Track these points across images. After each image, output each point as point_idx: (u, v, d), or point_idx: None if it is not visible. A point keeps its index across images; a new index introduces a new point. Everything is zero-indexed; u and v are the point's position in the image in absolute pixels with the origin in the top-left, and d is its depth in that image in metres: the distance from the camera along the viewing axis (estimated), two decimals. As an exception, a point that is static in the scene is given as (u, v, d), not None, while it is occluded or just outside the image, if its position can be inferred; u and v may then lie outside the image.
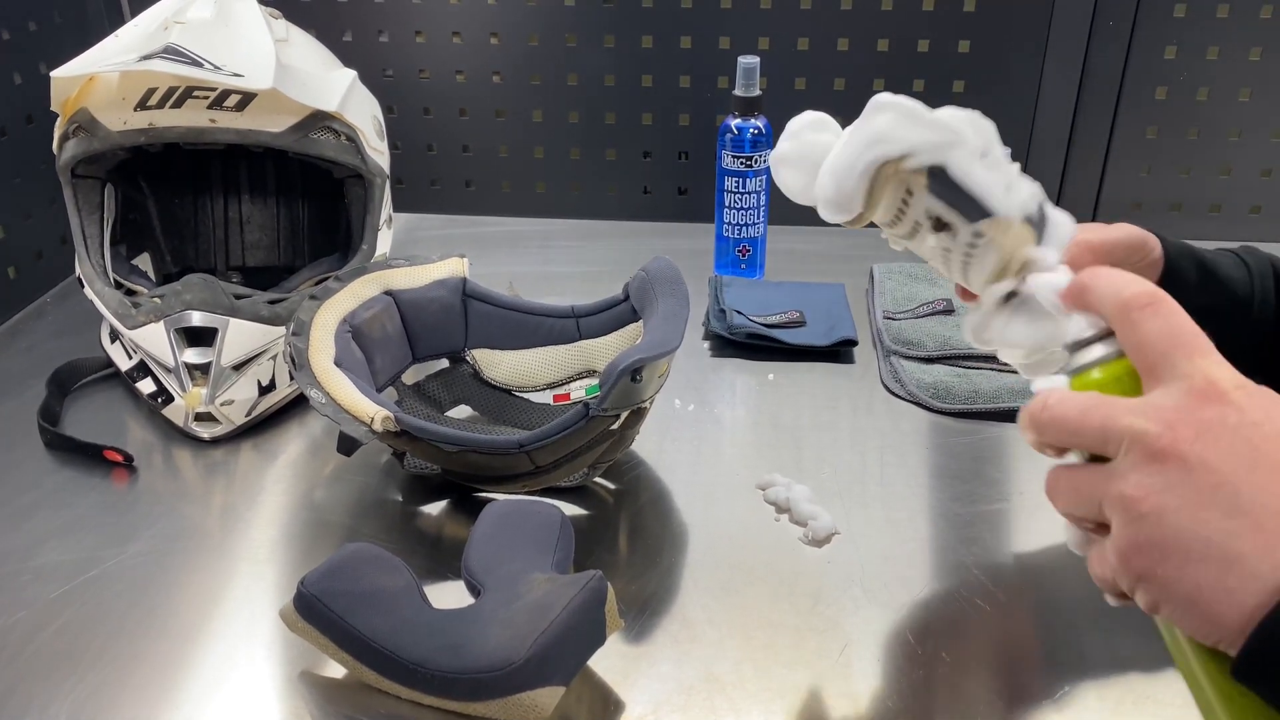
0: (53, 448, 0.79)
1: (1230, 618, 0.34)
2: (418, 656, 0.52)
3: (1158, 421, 0.36)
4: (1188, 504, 0.35)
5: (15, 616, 0.62)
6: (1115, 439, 0.37)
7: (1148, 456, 0.36)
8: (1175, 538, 0.35)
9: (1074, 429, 0.38)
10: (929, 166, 0.44)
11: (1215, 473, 0.35)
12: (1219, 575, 0.34)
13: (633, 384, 0.65)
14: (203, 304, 0.77)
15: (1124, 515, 0.36)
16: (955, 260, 0.46)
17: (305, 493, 0.74)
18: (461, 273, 0.81)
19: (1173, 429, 0.36)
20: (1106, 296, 0.40)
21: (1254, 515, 0.34)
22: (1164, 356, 0.38)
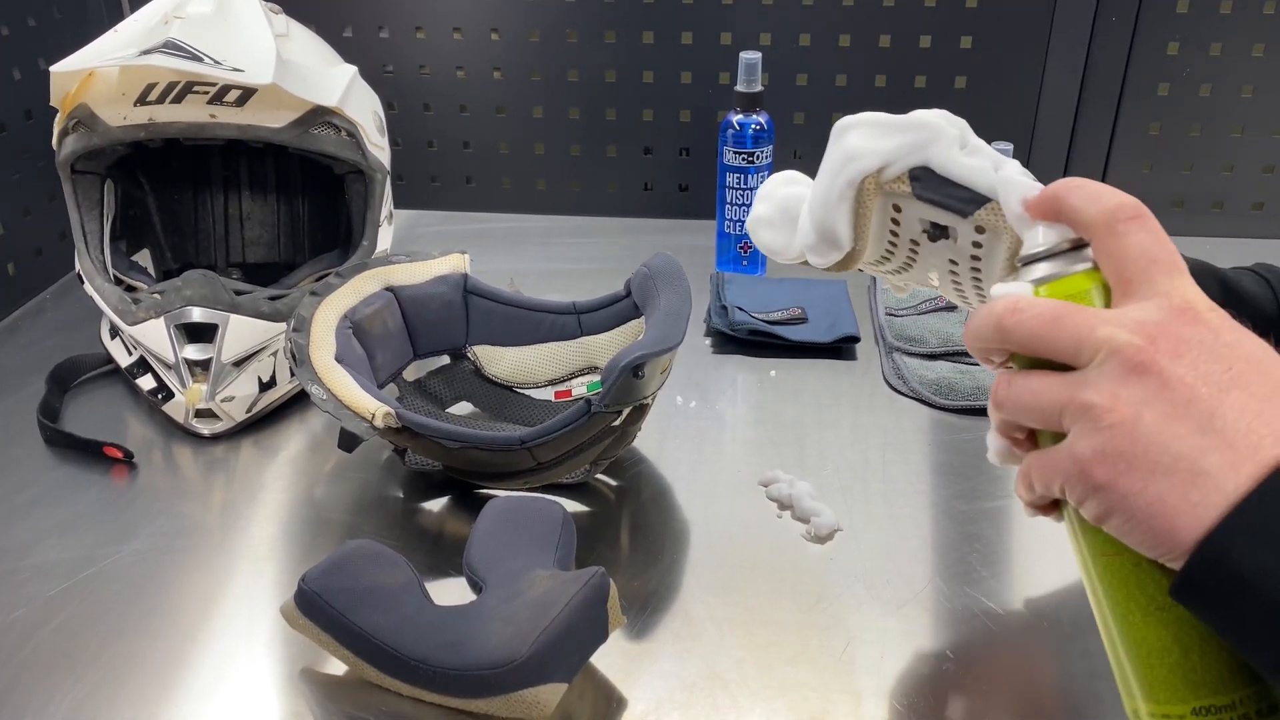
0: (52, 444, 0.78)
1: (1185, 532, 0.34)
2: (419, 653, 0.52)
3: (1139, 334, 0.36)
4: (1161, 417, 0.35)
5: (14, 614, 0.62)
6: (1090, 348, 0.37)
7: (1125, 367, 0.36)
8: (1144, 449, 0.35)
9: (1046, 335, 0.38)
10: (911, 170, 0.42)
11: (1190, 389, 0.35)
12: (1183, 489, 0.34)
13: (635, 380, 0.65)
14: (203, 300, 0.77)
15: (1091, 424, 0.36)
16: (965, 272, 0.44)
17: (306, 490, 0.74)
18: (463, 269, 0.80)
19: (1153, 343, 0.36)
20: (1085, 205, 0.40)
21: (1225, 434, 0.34)
22: (1143, 271, 0.38)
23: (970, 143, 0.43)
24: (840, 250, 0.45)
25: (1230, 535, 0.33)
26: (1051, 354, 0.38)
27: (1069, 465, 0.36)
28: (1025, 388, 0.39)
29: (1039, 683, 0.56)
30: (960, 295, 0.46)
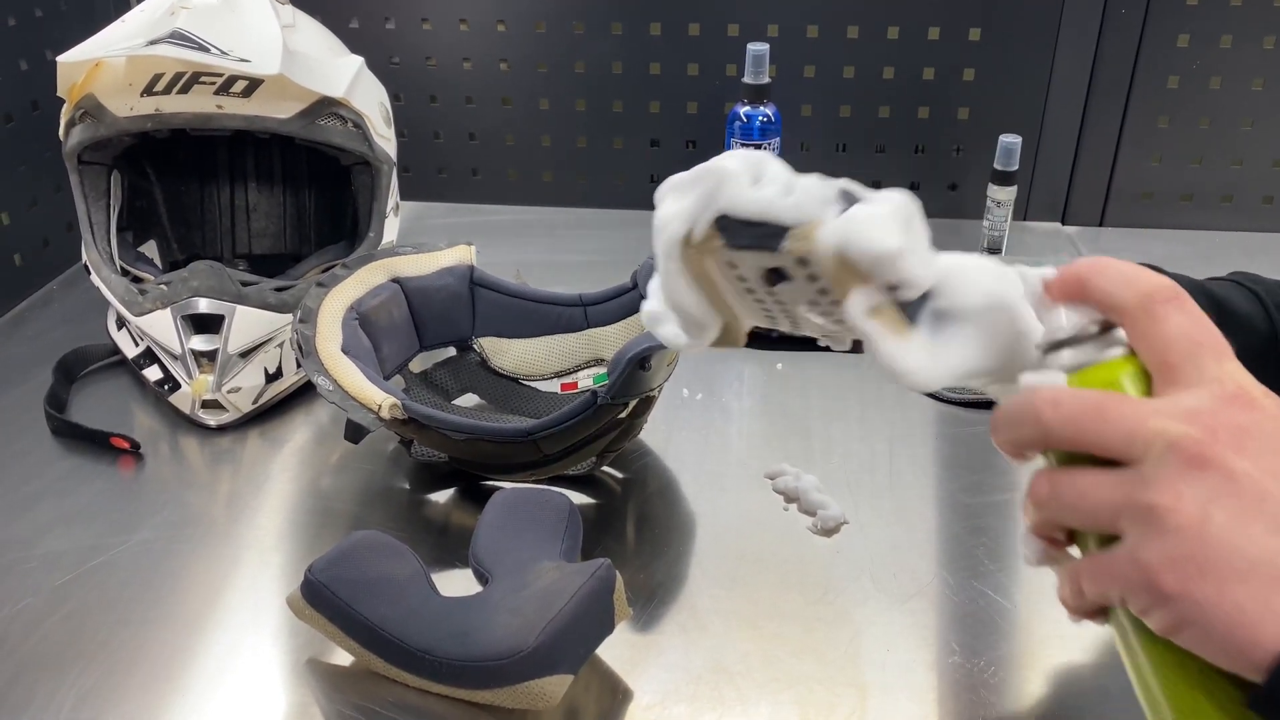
0: (59, 435, 0.78)
1: (1269, 643, 0.31)
2: (425, 644, 0.52)
3: (1195, 425, 0.33)
4: (1232, 516, 0.32)
5: (21, 604, 0.62)
6: (1143, 442, 0.33)
7: (1186, 462, 0.32)
8: (1218, 553, 0.31)
9: (1093, 429, 0.34)
10: (715, 221, 0.38)
11: (1258, 484, 0.32)
12: (1265, 595, 0.31)
13: (641, 372, 0.64)
14: (210, 291, 0.77)
15: (1154, 526, 0.32)
16: (829, 308, 0.39)
17: (312, 481, 0.74)
18: (469, 260, 0.80)
19: (1213, 434, 0.33)
20: (1118, 288, 0.36)
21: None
22: (1189, 357, 0.35)
23: (766, 173, 0.39)
24: (712, 328, 0.41)
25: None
26: (1099, 449, 0.35)
27: (1132, 572, 0.33)
28: (1072, 487, 0.35)
29: (1045, 676, 0.56)
30: (845, 332, 0.41)
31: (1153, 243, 1.15)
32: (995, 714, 0.54)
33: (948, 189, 1.20)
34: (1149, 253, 1.10)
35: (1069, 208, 1.19)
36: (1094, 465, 0.35)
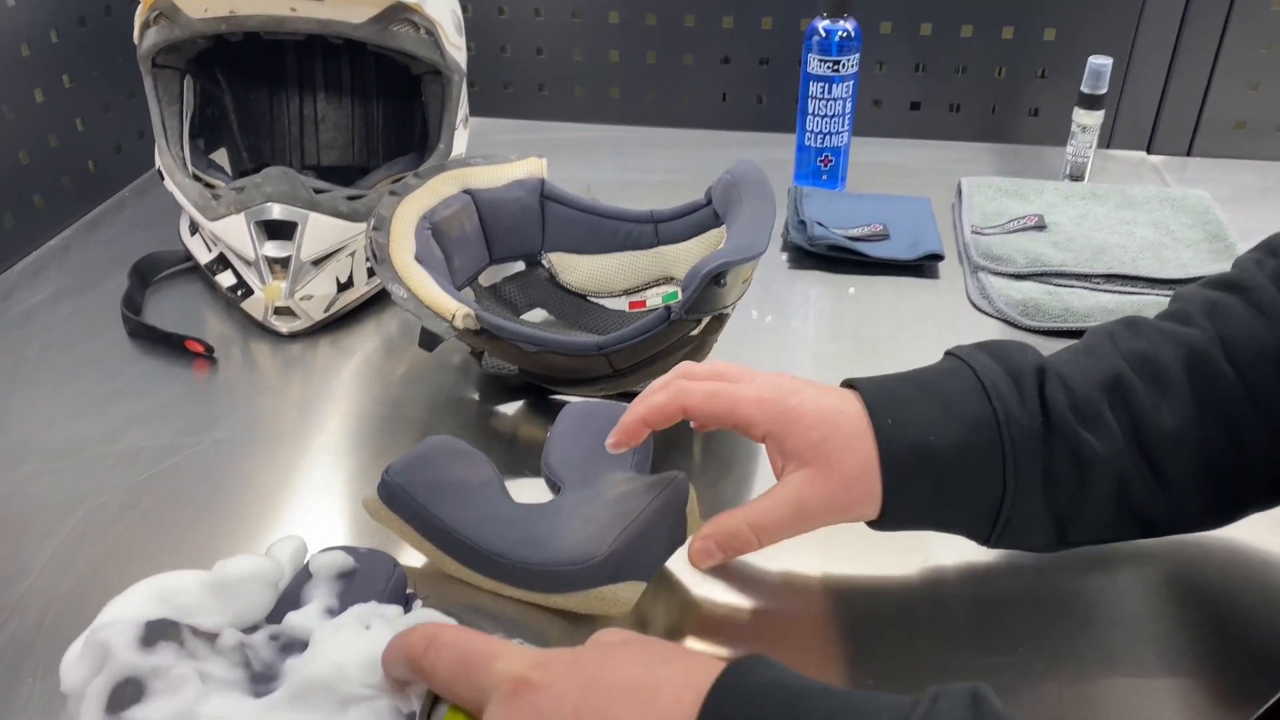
0: (135, 337, 0.80)
1: None
2: (500, 548, 0.52)
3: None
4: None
5: (104, 497, 0.63)
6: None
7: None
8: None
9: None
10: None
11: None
12: None
13: (716, 289, 0.63)
14: (283, 197, 0.77)
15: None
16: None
17: (382, 389, 0.75)
18: (540, 173, 0.79)
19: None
20: (398, 662, 0.41)
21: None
22: (469, 684, 0.39)
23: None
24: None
25: None
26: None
27: None
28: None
29: (1087, 601, 0.55)
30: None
31: (1243, 174, 1.09)
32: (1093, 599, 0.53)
33: (1029, 114, 1.16)
34: (1239, 184, 1.06)
35: (1155, 136, 1.15)
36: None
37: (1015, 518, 0.49)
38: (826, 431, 0.49)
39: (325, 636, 0.46)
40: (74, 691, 0.44)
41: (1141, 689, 0.50)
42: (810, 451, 0.49)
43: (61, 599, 0.56)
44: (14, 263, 0.91)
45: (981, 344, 0.53)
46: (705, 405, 0.51)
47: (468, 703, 0.39)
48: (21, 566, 0.57)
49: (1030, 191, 0.98)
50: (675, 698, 0.36)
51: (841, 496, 0.49)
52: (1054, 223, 0.91)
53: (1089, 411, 0.49)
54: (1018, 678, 0.50)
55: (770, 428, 0.50)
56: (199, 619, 0.47)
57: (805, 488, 0.49)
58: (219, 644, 0.46)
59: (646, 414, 0.51)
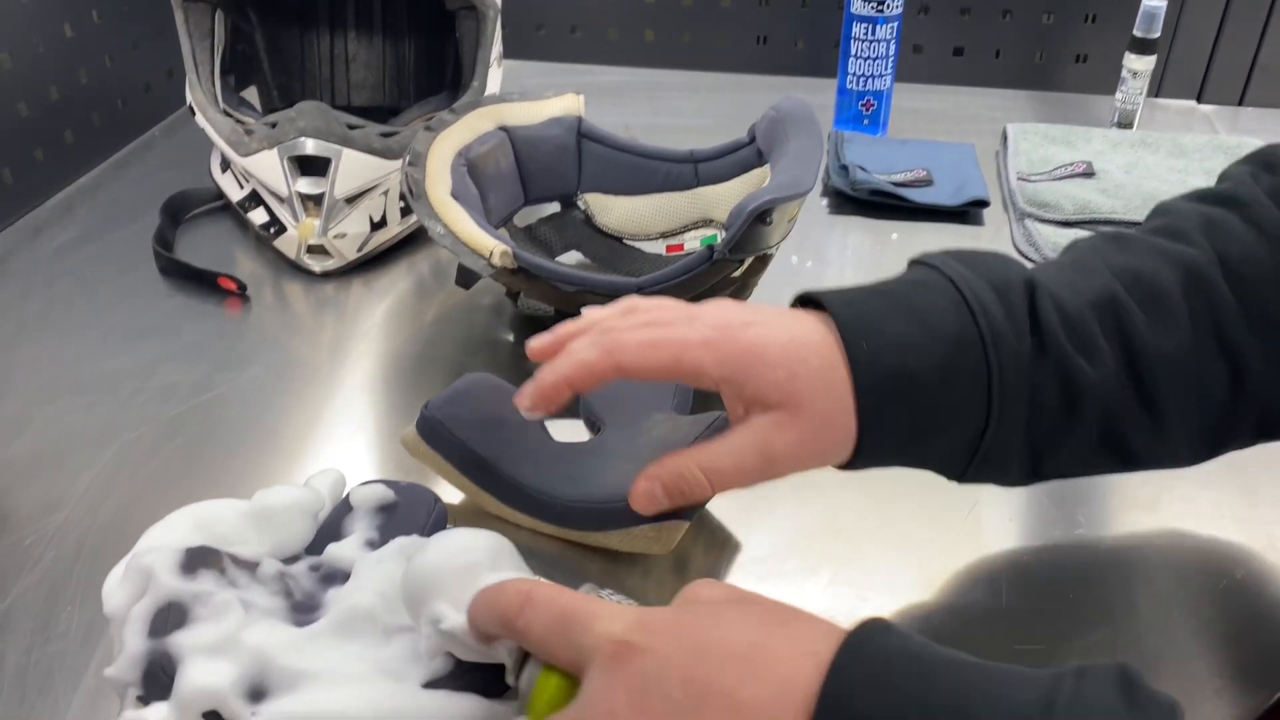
0: (167, 274, 0.79)
1: None
2: (541, 485, 0.52)
3: (600, 715, 0.34)
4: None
5: (139, 431, 0.63)
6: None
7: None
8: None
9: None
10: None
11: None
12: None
13: (762, 227, 0.62)
14: (316, 132, 0.75)
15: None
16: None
17: (415, 330, 0.74)
18: (577, 111, 0.77)
19: (614, 715, 0.34)
20: (488, 620, 0.38)
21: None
22: (568, 645, 0.36)
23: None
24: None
25: None
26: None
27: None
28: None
29: (1169, 548, 0.54)
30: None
31: (1298, 125, 1.06)
32: (1122, 587, 0.52)
33: (1075, 60, 1.12)
34: (1296, 134, 1.03)
35: (1207, 84, 1.11)
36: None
37: (995, 450, 0.44)
38: (793, 368, 0.42)
39: (368, 568, 0.45)
40: (116, 615, 0.44)
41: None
42: (775, 393, 0.42)
43: (99, 529, 0.55)
44: (46, 199, 0.90)
45: (952, 252, 0.47)
46: (643, 358, 0.44)
47: (564, 662, 0.37)
48: (59, 497, 0.57)
49: (1078, 139, 0.95)
50: (793, 668, 0.33)
51: (812, 443, 0.43)
52: (1103, 170, 0.89)
53: (1082, 332, 0.43)
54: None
55: (724, 372, 0.43)
56: (238, 548, 0.47)
57: (772, 433, 0.43)
58: (259, 573, 0.46)
59: (572, 374, 0.45)
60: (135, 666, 0.41)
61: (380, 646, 0.42)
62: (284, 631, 0.43)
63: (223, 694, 0.40)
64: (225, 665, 0.40)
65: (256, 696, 0.40)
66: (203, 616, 0.42)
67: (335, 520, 0.50)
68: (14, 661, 0.47)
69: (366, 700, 0.40)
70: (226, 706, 0.40)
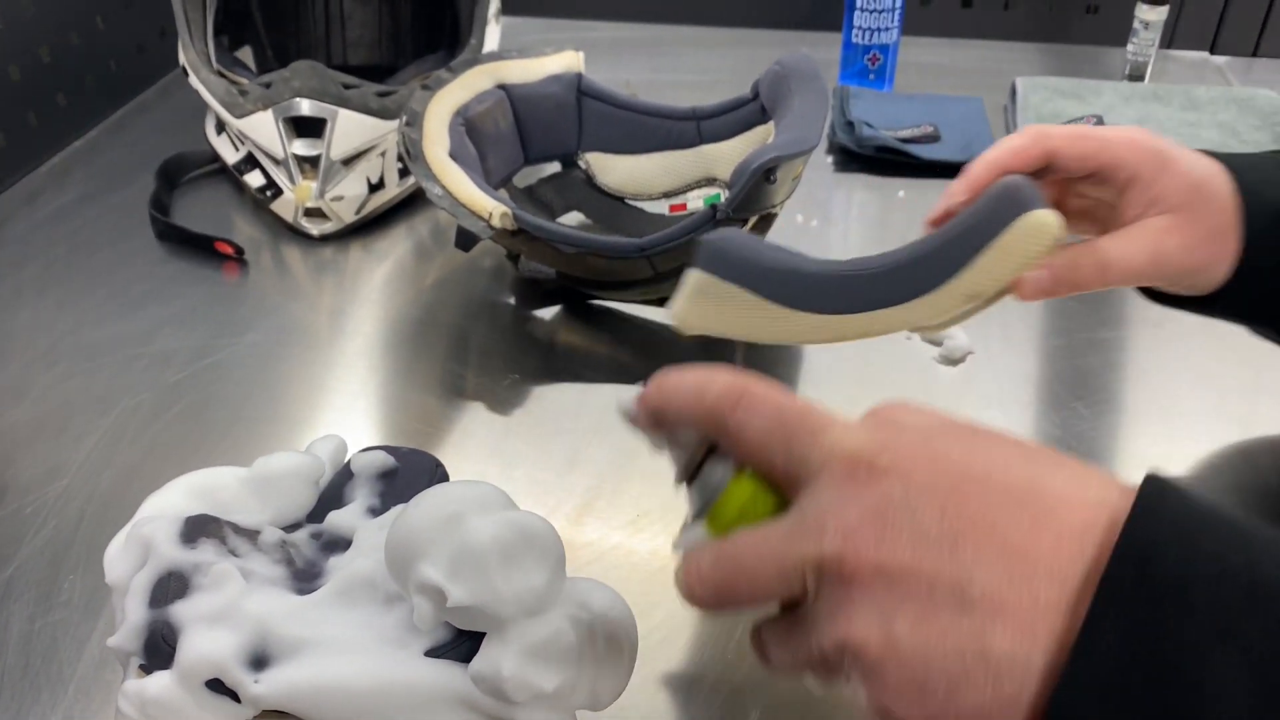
0: (164, 239, 0.78)
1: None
2: (868, 266, 0.46)
3: (828, 537, 0.29)
4: (916, 621, 0.28)
5: (139, 398, 0.62)
6: (797, 578, 0.30)
7: (841, 584, 0.29)
8: (925, 668, 0.28)
9: (746, 589, 0.31)
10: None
11: (920, 569, 0.28)
12: (994, 687, 0.27)
13: (766, 185, 0.60)
14: (311, 92, 0.74)
15: (857, 667, 0.29)
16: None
17: (415, 294, 0.73)
18: (577, 68, 0.76)
19: (849, 538, 0.29)
20: (686, 412, 0.33)
21: (988, 598, 0.27)
22: (788, 454, 0.31)
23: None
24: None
25: (1070, 716, 0.27)
26: (765, 601, 0.32)
27: (879, 715, 0.30)
28: (778, 647, 0.32)
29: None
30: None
31: (1314, 76, 1.04)
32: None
33: (1086, 11, 1.10)
34: (1311, 85, 1.00)
35: (1220, 34, 1.09)
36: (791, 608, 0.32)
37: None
38: (1200, 177, 0.45)
39: (369, 535, 0.45)
40: (118, 585, 0.43)
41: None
42: (1179, 195, 0.45)
43: (100, 497, 0.55)
44: (40, 164, 0.89)
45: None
46: (1072, 146, 0.46)
47: (776, 471, 0.32)
48: (59, 464, 0.57)
49: (1088, 92, 0.93)
50: (1083, 517, 0.28)
51: (1202, 249, 0.45)
52: (1114, 124, 0.87)
53: None
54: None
55: (1140, 170, 0.45)
56: (239, 515, 0.46)
57: (1166, 233, 0.45)
58: (260, 541, 0.45)
59: (999, 156, 0.46)
60: (137, 636, 0.41)
61: (382, 614, 0.42)
62: (285, 600, 0.43)
63: (224, 662, 0.39)
64: (226, 634, 0.40)
65: (258, 665, 0.40)
66: (204, 585, 0.42)
67: (336, 487, 0.49)
68: (18, 630, 0.47)
69: (368, 668, 0.39)
70: (228, 675, 0.39)
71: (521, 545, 0.39)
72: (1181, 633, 0.25)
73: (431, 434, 0.59)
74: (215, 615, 0.41)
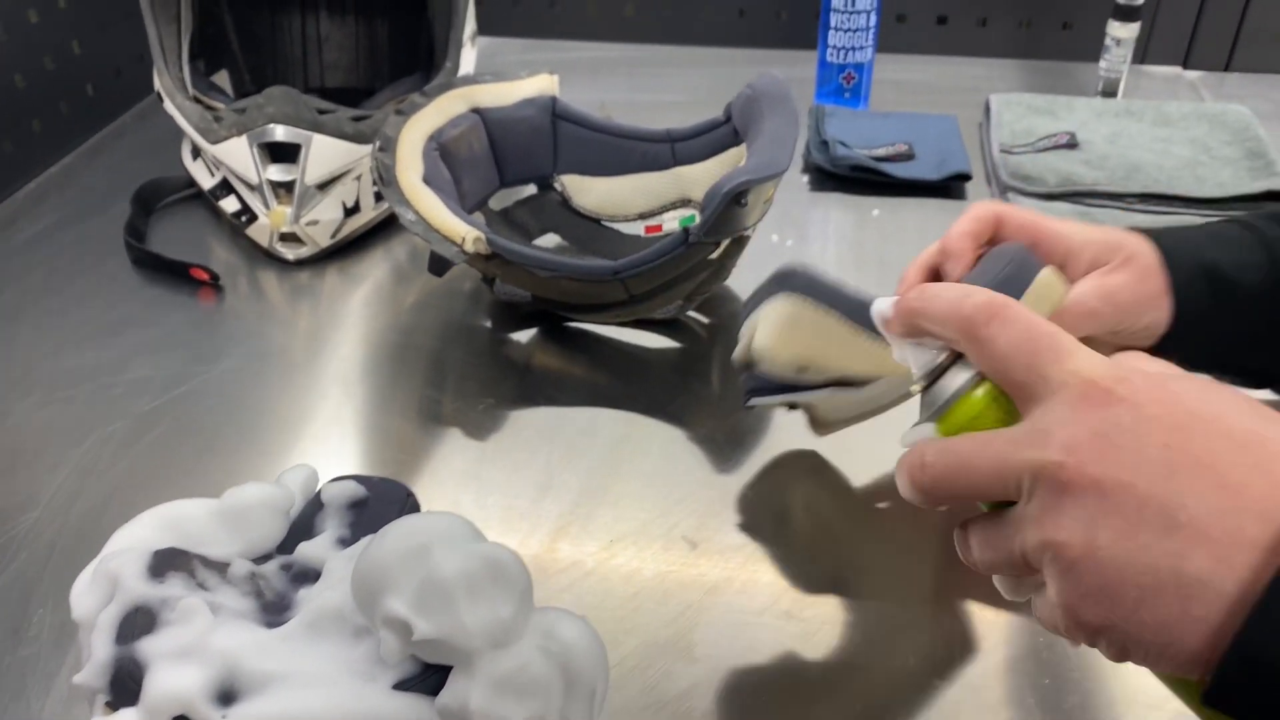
0: (139, 265, 0.78)
1: (1203, 650, 0.29)
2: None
3: (1053, 447, 0.31)
4: (1120, 534, 0.30)
5: (112, 426, 0.62)
6: (1014, 481, 0.32)
7: (1056, 491, 0.31)
8: (1119, 577, 0.30)
9: (964, 483, 0.33)
10: None
11: (1134, 489, 0.30)
12: (1182, 605, 0.29)
13: (737, 209, 0.61)
14: (286, 118, 0.74)
15: (1055, 567, 0.31)
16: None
17: (392, 318, 0.73)
18: (552, 91, 0.76)
19: (1073, 452, 0.30)
20: (942, 317, 0.35)
21: (1193, 525, 0.29)
22: (1030, 370, 0.33)
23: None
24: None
25: (1257, 644, 0.28)
26: (982, 498, 0.34)
27: (1059, 615, 0.32)
28: (982, 543, 0.34)
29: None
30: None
31: (1285, 90, 1.05)
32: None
33: (1061, 28, 1.11)
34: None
35: (1193, 49, 1.10)
36: (996, 514, 0.34)
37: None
38: (1120, 239, 0.50)
39: (338, 566, 0.45)
40: (85, 620, 0.43)
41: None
42: (1110, 251, 0.50)
43: (72, 529, 0.55)
44: (16, 190, 0.89)
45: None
46: (1018, 214, 0.51)
47: (1016, 387, 0.33)
48: (31, 496, 0.57)
49: (1061, 109, 0.94)
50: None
51: (1142, 284, 0.49)
52: (1086, 141, 0.88)
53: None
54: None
55: (1078, 246, 0.50)
56: (209, 548, 0.46)
57: (1108, 275, 0.49)
58: (230, 574, 0.45)
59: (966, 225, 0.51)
60: (103, 673, 0.41)
61: (351, 647, 0.42)
62: (254, 633, 0.42)
63: (191, 699, 0.39)
64: (193, 670, 0.40)
65: (226, 700, 0.40)
66: (171, 621, 0.42)
67: (307, 517, 0.49)
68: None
69: (335, 702, 0.39)
70: (196, 711, 0.39)
71: (487, 577, 0.39)
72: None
73: (407, 461, 0.59)
74: (182, 651, 0.40)
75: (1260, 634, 0.28)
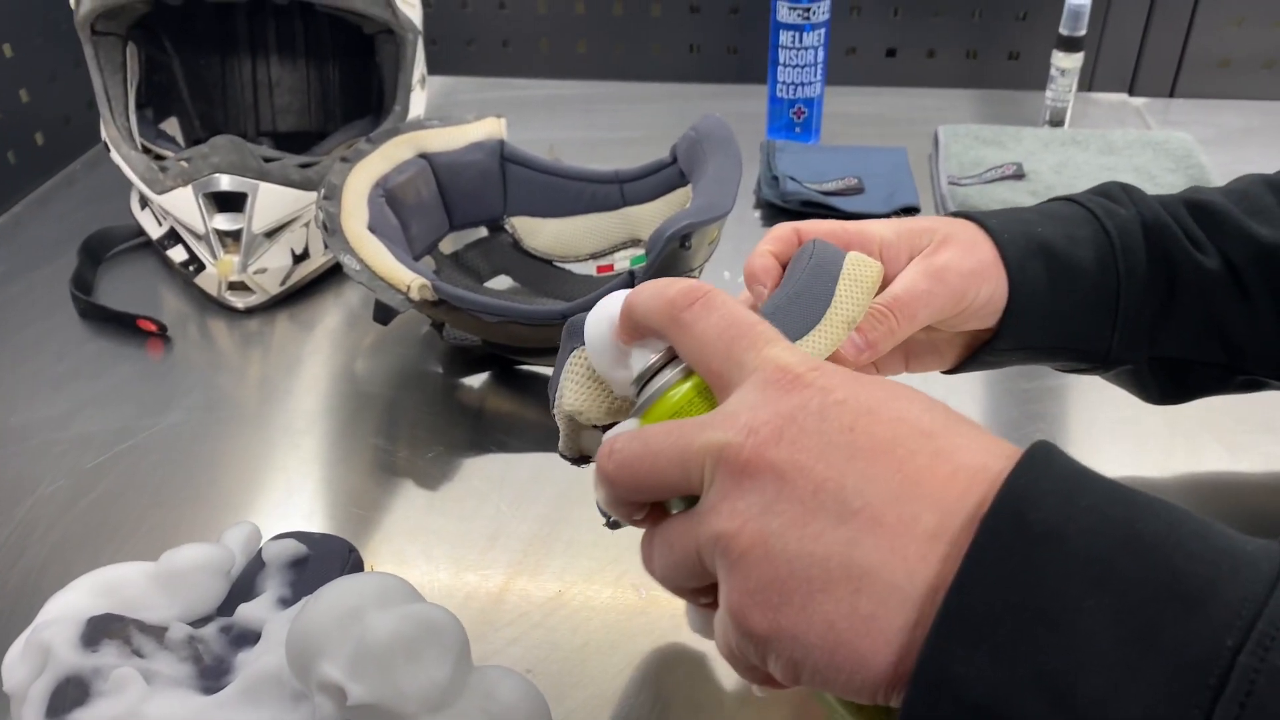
0: (86, 317, 0.77)
1: (878, 655, 0.26)
2: (783, 299, 0.46)
3: (735, 429, 0.29)
4: (792, 522, 0.27)
5: (55, 485, 0.61)
6: (695, 466, 0.30)
7: (735, 474, 0.29)
8: (788, 570, 0.27)
9: (648, 470, 0.31)
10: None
11: (811, 473, 0.28)
12: (850, 600, 0.26)
13: (681, 251, 0.61)
14: (231, 167, 0.74)
15: (724, 561, 0.28)
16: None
17: (344, 364, 0.72)
18: (499, 134, 0.76)
19: (754, 433, 0.29)
20: (651, 308, 0.34)
21: (868, 511, 0.27)
22: (728, 357, 0.32)
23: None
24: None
25: (942, 652, 0.25)
26: (668, 490, 0.31)
27: (731, 629, 0.28)
28: (659, 541, 0.32)
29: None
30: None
31: (1228, 114, 1.07)
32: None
33: (1008, 58, 1.13)
34: (1223, 125, 1.03)
35: (1138, 77, 1.12)
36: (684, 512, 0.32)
37: (1128, 316, 0.48)
38: (952, 229, 0.47)
39: (277, 628, 0.44)
40: (16, 693, 0.42)
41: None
42: (925, 237, 0.47)
43: (10, 594, 0.54)
44: (-38, 242, 0.88)
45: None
46: (818, 225, 0.48)
47: (713, 375, 0.32)
48: (-32, 561, 0.56)
49: (1009, 139, 0.95)
50: (980, 462, 0.28)
51: (970, 256, 0.46)
52: (1033, 171, 0.89)
53: (1177, 213, 0.49)
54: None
55: (891, 237, 0.47)
56: (146, 613, 0.46)
57: (934, 254, 0.46)
58: (167, 638, 0.44)
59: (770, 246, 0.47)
60: None
61: (289, 711, 0.41)
62: (190, 701, 0.42)
63: None
64: (125, 742, 0.39)
65: (160, 772, 0.39)
66: (103, 691, 0.41)
67: (249, 577, 0.49)
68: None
69: (271, 772, 0.39)
70: (127, 785, 0.39)
71: (423, 639, 0.39)
72: (1056, 577, 0.25)
73: (356, 513, 0.58)
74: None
75: (944, 641, 0.25)
